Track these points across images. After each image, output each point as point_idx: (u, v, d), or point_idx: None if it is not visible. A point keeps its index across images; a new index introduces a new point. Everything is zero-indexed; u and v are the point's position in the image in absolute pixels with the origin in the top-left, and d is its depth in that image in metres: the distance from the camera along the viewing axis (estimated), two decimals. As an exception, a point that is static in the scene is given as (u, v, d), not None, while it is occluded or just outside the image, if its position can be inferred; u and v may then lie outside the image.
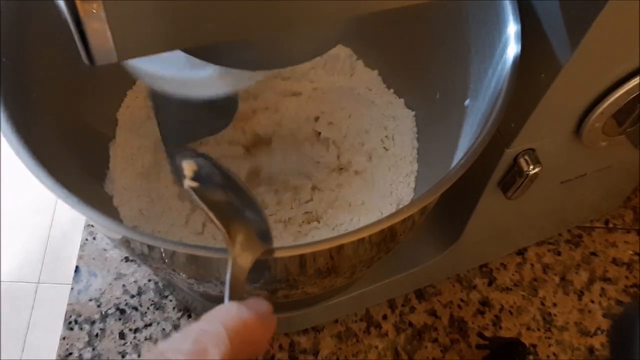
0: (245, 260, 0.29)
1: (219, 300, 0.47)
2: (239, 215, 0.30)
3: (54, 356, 0.50)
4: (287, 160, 0.49)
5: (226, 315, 0.26)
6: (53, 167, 0.32)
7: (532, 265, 0.56)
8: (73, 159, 0.42)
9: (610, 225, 0.58)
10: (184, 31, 0.24)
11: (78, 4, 0.21)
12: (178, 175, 0.31)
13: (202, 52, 0.30)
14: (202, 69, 0.33)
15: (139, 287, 0.53)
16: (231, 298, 0.29)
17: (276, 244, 0.31)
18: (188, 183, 0.30)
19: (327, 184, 0.49)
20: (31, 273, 1.24)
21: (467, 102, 0.41)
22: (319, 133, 0.50)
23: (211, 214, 0.29)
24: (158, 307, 0.52)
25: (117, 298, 0.52)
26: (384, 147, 0.50)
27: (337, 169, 0.49)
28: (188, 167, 0.30)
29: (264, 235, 0.30)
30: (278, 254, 0.31)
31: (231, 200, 0.31)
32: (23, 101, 0.37)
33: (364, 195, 0.48)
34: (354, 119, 0.51)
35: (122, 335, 0.51)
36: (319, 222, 0.47)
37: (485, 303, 0.54)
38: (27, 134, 0.34)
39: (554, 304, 0.54)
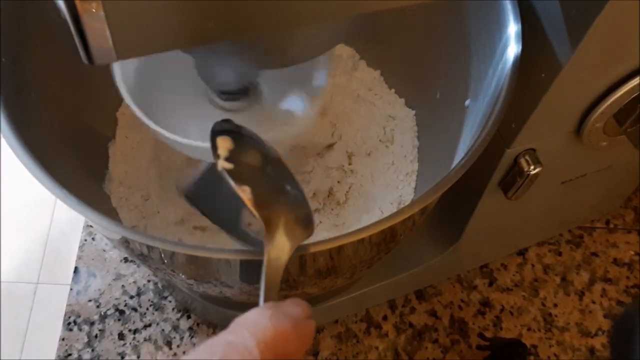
0: (285, 250, 0.26)
1: (218, 300, 0.48)
2: (280, 198, 0.27)
3: (54, 357, 0.50)
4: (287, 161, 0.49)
5: (257, 324, 0.23)
6: (52, 167, 0.32)
7: (532, 265, 0.56)
8: (72, 159, 0.42)
9: (611, 225, 0.58)
10: (183, 31, 0.24)
11: (77, 3, 0.21)
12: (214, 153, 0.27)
13: (202, 52, 0.30)
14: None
15: (138, 288, 0.53)
16: (266, 299, 0.25)
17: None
18: (222, 164, 0.26)
19: (326, 183, 0.49)
20: (30, 273, 1.24)
21: (467, 102, 0.41)
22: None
23: (247, 201, 0.25)
24: (157, 307, 0.52)
25: (117, 299, 0.52)
26: (385, 147, 0.50)
27: (337, 168, 0.49)
28: (223, 144, 0.27)
29: (306, 221, 0.27)
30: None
31: (270, 181, 0.27)
32: (23, 101, 0.37)
33: (364, 194, 0.48)
34: (354, 119, 0.51)
35: (121, 336, 0.51)
36: (320, 221, 0.46)
37: (485, 303, 0.54)
38: (27, 134, 0.34)
39: (555, 305, 0.54)
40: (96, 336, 0.50)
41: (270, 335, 0.23)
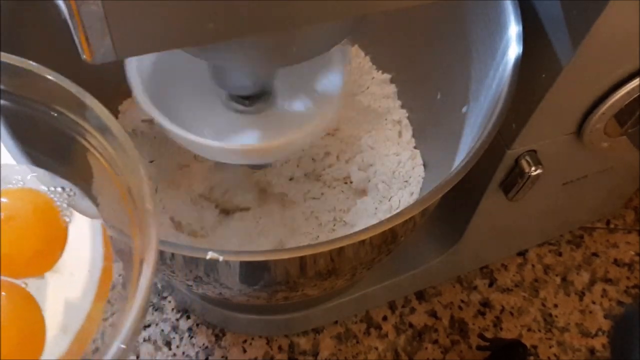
0: None
1: (218, 301, 0.48)
2: None
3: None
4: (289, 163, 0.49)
5: None
6: (52, 168, 0.32)
7: (533, 266, 0.56)
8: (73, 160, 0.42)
9: (612, 225, 0.58)
10: (183, 31, 0.24)
11: (77, 3, 0.21)
12: None
13: (203, 51, 0.30)
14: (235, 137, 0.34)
15: (138, 288, 0.52)
16: None
17: (276, 245, 0.30)
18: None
19: (327, 183, 0.49)
20: (30, 273, 1.24)
21: (464, 108, 0.41)
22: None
23: None
24: (157, 308, 0.52)
25: (116, 299, 0.52)
26: (385, 147, 0.50)
27: (337, 169, 0.49)
28: None
29: None
30: (278, 256, 0.30)
31: None
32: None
33: (365, 195, 0.48)
34: (355, 119, 0.51)
35: (121, 337, 0.50)
36: (334, 228, 0.46)
37: (485, 304, 0.54)
38: (26, 134, 0.34)
39: (555, 305, 0.54)
40: (95, 337, 0.50)
41: None
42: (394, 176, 0.48)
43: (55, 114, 0.27)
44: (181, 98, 0.36)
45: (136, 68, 0.35)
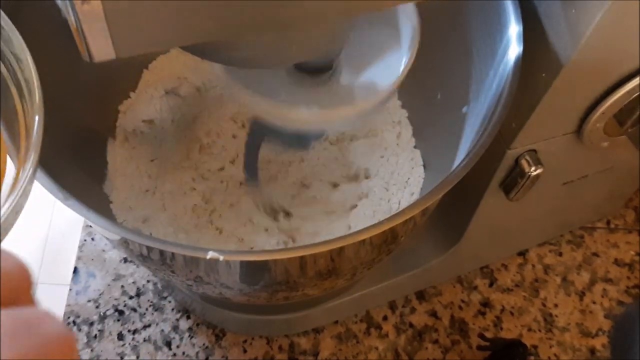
0: None
1: (218, 301, 0.48)
2: None
3: (53, 358, 0.50)
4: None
5: None
6: (52, 168, 0.32)
7: (533, 265, 0.56)
8: (72, 160, 0.42)
9: (612, 225, 0.58)
10: (183, 30, 0.24)
11: (77, 2, 0.21)
12: None
13: (202, 50, 0.30)
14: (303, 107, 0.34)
15: (138, 288, 0.52)
16: None
17: (278, 245, 0.30)
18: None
19: (326, 183, 0.49)
20: (30, 273, 1.24)
21: (465, 108, 0.41)
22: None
23: None
24: (157, 308, 0.52)
25: (116, 299, 0.52)
26: (386, 146, 0.50)
27: (337, 169, 0.49)
28: None
29: None
30: (278, 256, 0.30)
31: None
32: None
33: (364, 195, 0.48)
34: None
35: (120, 337, 0.50)
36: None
37: (486, 304, 0.54)
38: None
39: (555, 305, 0.54)
40: (95, 336, 0.50)
41: None
42: (394, 177, 0.48)
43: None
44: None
45: None
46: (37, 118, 0.26)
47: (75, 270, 0.53)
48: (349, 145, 0.50)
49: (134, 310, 0.51)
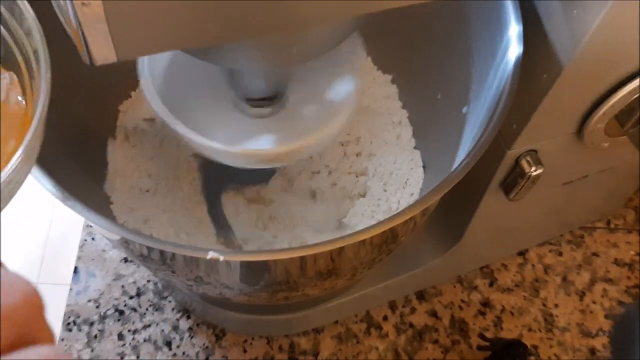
0: None
1: (218, 301, 0.47)
2: None
3: (53, 357, 0.50)
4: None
5: None
6: (52, 168, 0.32)
7: (533, 265, 0.56)
8: (72, 160, 0.42)
9: (612, 225, 0.58)
10: (184, 32, 0.24)
11: (77, 4, 0.21)
12: None
13: (203, 51, 0.30)
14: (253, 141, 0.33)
15: (138, 288, 0.52)
16: None
17: (279, 245, 0.30)
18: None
19: (325, 184, 0.48)
20: (30, 274, 1.24)
21: (465, 109, 0.41)
22: None
23: None
24: (157, 308, 0.52)
25: (116, 299, 0.52)
26: (385, 147, 0.50)
27: (337, 170, 0.49)
28: None
29: None
30: (278, 256, 0.30)
31: None
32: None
33: (364, 195, 0.48)
34: (355, 120, 0.51)
35: (120, 337, 0.50)
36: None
37: (486, 304, 0.54)
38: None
39: (556, 305, 0.54)
40: (96, 336, 0.50)
41: None
42: (393, 177, 0.48)
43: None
44: (193, 100, 0.36)
45: (148, 70, 0.35)
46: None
47: (76, 270, 0.53)
48: (349, 145, 0.50)
49: (134, 310, 0.51)
